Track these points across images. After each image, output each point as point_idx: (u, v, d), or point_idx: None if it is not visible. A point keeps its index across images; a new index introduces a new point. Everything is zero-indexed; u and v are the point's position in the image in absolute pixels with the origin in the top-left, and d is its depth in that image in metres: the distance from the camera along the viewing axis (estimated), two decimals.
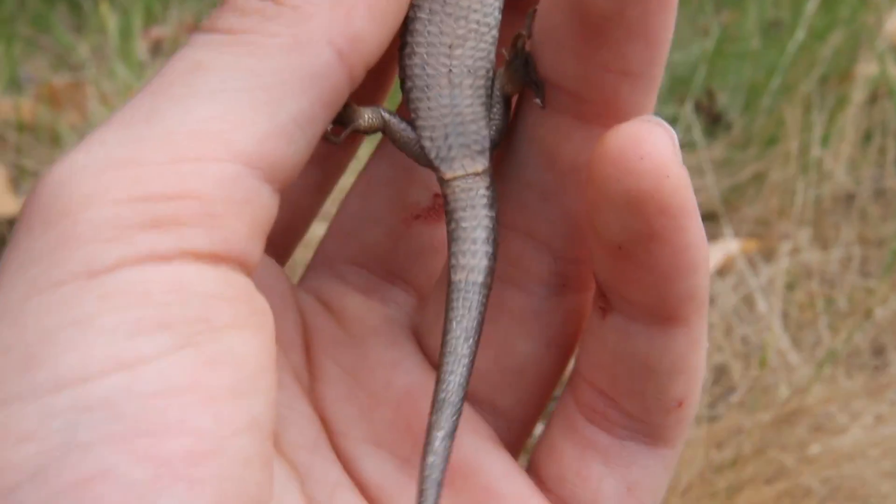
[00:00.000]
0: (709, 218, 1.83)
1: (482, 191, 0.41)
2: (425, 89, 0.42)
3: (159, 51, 2.34)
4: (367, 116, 0.43)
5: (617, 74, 0.38)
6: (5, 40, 2.28)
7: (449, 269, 0.41)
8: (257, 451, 0.33)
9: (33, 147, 2.10)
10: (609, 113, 0.39)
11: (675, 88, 2.10)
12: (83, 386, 0.31)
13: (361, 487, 0.42)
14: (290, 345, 0.44)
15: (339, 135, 0.43)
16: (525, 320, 0.43)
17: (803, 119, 1.85)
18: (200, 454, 0.31)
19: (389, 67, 0.44)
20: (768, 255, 1.70)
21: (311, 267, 0.47)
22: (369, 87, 0.42)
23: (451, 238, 0.41)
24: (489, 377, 0.43)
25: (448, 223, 0.41)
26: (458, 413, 0.39)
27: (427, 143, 0.42)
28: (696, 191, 1.29)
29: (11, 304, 0.32)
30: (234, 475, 0.32)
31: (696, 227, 0.36)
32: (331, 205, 0.50)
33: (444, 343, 0.40)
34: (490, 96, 0.42)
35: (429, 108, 0.42)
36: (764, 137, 1.90)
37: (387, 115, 0.43)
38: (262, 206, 0.35)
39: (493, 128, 0.42)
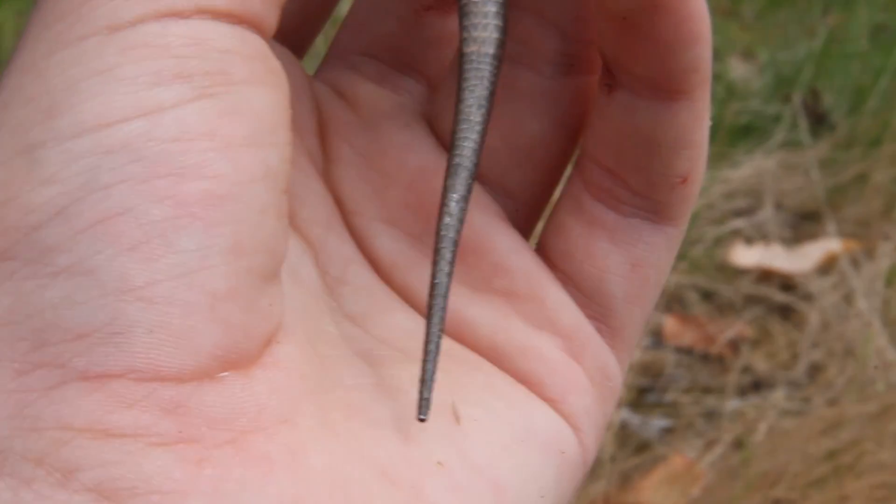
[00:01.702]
0: (812, 217, 1.83)
1: None
2: None
3: None
4: None
5: None
6: None
7: (461, 43, 0.40)
8: (272, 201, 0.34)
9: None
10: None
11: (780, 87, 2.10)
12: (104, 131, 0.32)
13: (374, 263, 0.43)
14: (305, 129, 0.44)
15: None
16: (534, 100, 0.43)
17: None
18: (218, 197, 0.32)
19: None
20: (869, 254, 1.69)
21: (326, 59, 0.47)
22: None
23: (462, 13, 0.41)
24: (498, 157, 0.43)
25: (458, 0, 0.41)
26: (472, 178, 0.39)
27: None
28: (800, 189, 1.30)
29: (35, 58, 0.32)
30: (250, 220, 0.33)
31: None
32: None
33: (456, 112, 0.40)
34: None
35: None
36: (868, 138, 1.89)
37: None
38: None
39: None
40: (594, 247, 0.43)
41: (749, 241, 1.77)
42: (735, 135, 1.99)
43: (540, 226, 0.46)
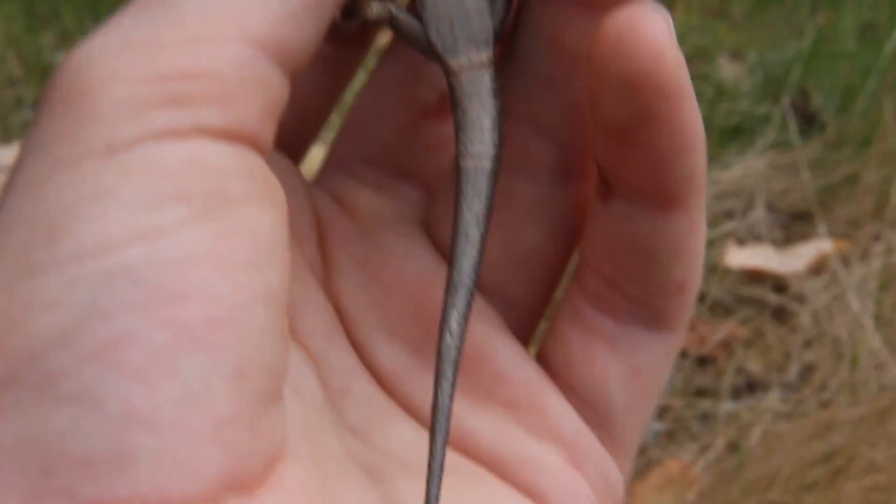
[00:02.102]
0: (802, 217, 1.83)
1: (487, 80, 0.41)
2: None
3: None
4: (374, 8, 0.43)
5: None
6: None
7: (457, 157, 0.41)
8: (273, 322, 0.34)
9: None
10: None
11: (770, 87, 2.10)
12: (105, 255, 0.31)
13: (375, 374, 0.43)
14: (305, 238, 0.44)
15: (346, 25, 0.42)
16: (531, 209, 0.43)
17: None
18: (219, 320, 0.32)
19: None
20: (861, 255, 1.69)
21: (325, 166, 0.47)
22: None
23: (458, 128, 0.41)
24: (498, 266, 0.44)
25: (455, 113, 0.41)
26: (472, 295, 0.39)
27: (433, 36, 0.42)
28: (790, 190, 1.30)
29: (34, 179, 0.32)
30: (251, 342, 0.33)
31: (692, 108, 0.37)
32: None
33: (454, 228, 0.40)
34: None
35: (434, 1, 0.42)
36: (858, 138, 1.89)
37: (394, 9, 0.43)
38: (274, 88, 0.35)
39: (497, 18, 0.42)
40: (594, 355, 0.43)
41: (741, 242, 1.77)
42: (725, 136, 1.99)
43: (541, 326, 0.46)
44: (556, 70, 0.42)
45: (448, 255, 0.41)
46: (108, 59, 0.33)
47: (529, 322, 0.45)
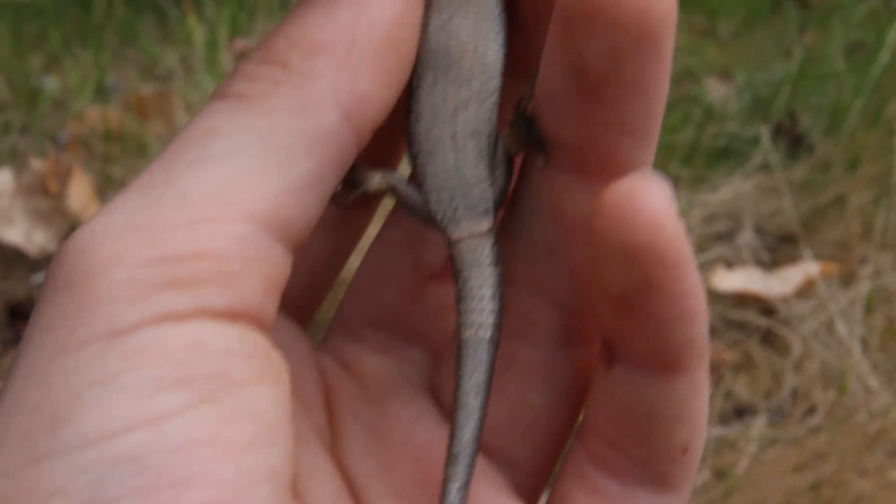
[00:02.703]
0: (790, 239, 1.83)
1: (487, 249, 0.43)
2: (430, 154, 0.43)
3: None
4: (375, 179, 0.44)
5: (616, 131, 0.39)
6: (94, 49, 2.33)
7: (457, 326, 0.42)
8: (278, 500, 0.34)
9: (120, 156, 2.13)
10: (610, 168, 0.40)
11: (758, 109, 2.10)
12: (109, 442, 0.32)
13: None
14: (312, 404, 0.45)
15: (348, 196, 0.44)
16: (535, 374, 0.44)
17: (886, 143, 1.84)
18: None
19: (401, 132, 0.45)
20: (848, 278, 1.69)
21: (331, 329, 0.48)
22: (382, 150, 0.44)
23: (459, 297, 0.42)
24: (503, 430, 0.44)
25: (456, 282, 0.42)
26: (472, 465, 0.40)
27: (434, 206, 0.43)
28: (778, 212, 1.29)
29: (38, 364, 0.33)
30: None
31: (693, 276, 0.37)
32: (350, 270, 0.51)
33: (455, 398, 0.41)
34: (493, 157, 0.44)
35: (434, 172, 0.43)
36: (846, 160, 1.89)
37: (395, 179, 0.44)
38: (276, 265, 0.36)
39: (497, 188, 0.44)
40: None
41: (729, 265, 1.77)
42: (713, 158, 1.99)
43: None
44: (557, 237, 0.42)
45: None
46: (111, 241, 0.34)
47: (535, 484, 0.46)
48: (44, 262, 1.73)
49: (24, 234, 1.74)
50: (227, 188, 0.36)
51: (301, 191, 0.37)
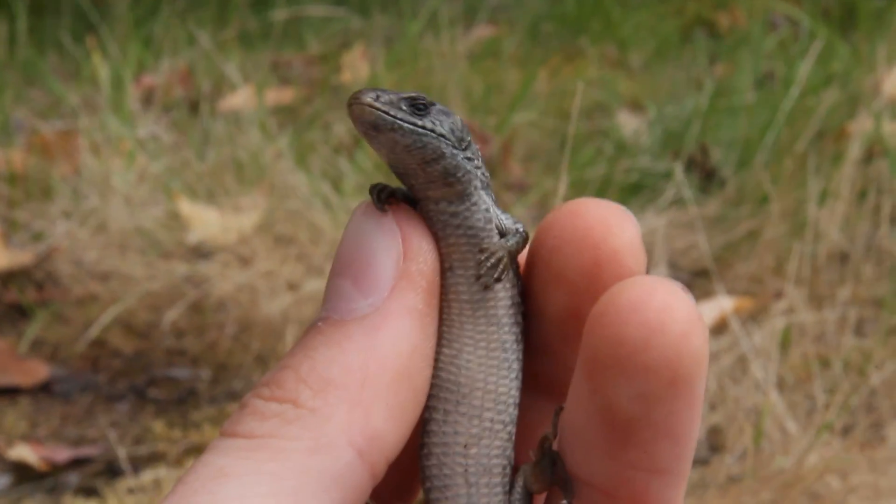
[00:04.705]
0: (702, 275, 1.83)
1: None
2: (443, 489, 0.43)
3: (151, 100, 2.33)
4: None
5: (646, 472, 0.39)
6: None
7: None
8: None
9: (24, 200, 2.09)
10: None
11: (669, 143, 2.10)
12: None
13: None
14: None
15: None
16: None
17: (798, 176, 1.85)
18: None
19: (416, 463, 0.45)
20: (762, 313, 1.69)
21: None
22: (399, 482, 0.45)
23: None
24: None
25: None
26: None
27: None
28: (691, 247, 1.27)
29: None
30: None
31: None
32: None
33: None
34: (510, 493, 0.44)
35: None
36: (758, 194, 1.89)
37: None
38: None
39: None
40: None
41: None
42: (626, 192, 1.99)
43: None
44: None
45: None
46: None
47: None
48: None
49: None
50: None
51: None
